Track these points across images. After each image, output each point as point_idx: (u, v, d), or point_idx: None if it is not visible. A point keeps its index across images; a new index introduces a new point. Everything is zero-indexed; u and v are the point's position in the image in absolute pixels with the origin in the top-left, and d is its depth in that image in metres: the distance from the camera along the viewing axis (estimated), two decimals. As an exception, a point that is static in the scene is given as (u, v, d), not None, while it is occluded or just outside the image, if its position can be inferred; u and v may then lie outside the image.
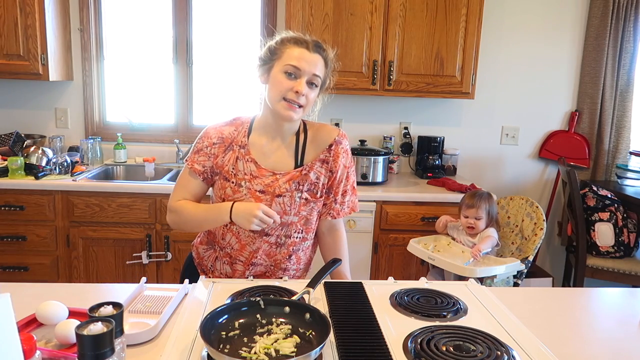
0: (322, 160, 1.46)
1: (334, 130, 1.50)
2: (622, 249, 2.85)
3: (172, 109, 3.17)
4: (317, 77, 1.36)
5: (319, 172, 1.46)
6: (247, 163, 1.42)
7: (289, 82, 1.33)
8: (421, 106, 3.20)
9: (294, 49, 1.35)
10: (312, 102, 1.40)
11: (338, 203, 1.50)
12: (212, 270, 1.53)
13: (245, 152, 1.43)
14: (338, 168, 1.47)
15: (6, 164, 2.57)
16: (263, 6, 3.07)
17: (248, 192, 1.41)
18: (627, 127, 3.20)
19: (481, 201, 2.23)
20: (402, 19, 2.72)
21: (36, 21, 2.63)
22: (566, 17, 3.16)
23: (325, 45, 1.41)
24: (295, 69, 1.33)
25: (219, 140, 1.43)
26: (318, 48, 1.37)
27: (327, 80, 1.44)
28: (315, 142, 1.47)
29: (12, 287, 1.30)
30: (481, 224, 2.23)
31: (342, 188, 1.50)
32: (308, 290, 1.20)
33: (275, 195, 1.41)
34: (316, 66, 1.35)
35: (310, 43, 1.36)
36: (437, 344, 1.01)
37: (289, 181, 1.42)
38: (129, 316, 1.14)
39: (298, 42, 1.36)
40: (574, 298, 1.41)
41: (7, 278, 2.56)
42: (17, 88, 3.04)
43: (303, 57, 1.33)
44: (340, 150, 1.47)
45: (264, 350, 0.96)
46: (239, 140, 1.44)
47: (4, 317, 0.73)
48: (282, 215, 1.43)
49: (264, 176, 1.42)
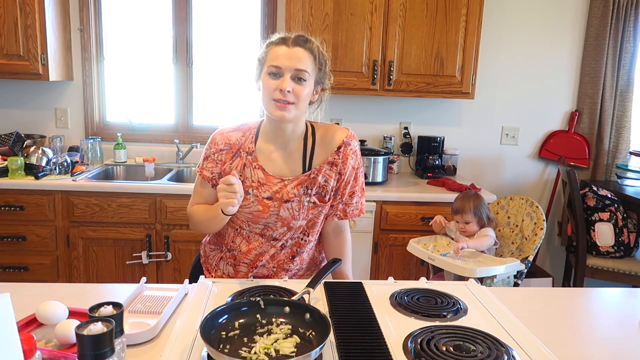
0: (331, 163, 1.42)
1: (342, 131, 1.45)
2: (622, 249, 2.85)
3: (172, 109, 3.17)
4: (303, 71, 1.31)
5: (328, 175, 1.43)
6: (255, 170, 1.40)
7: (273, 82, 1.31)
8: (421, 106, 3.20)
9: (274, 49, 1.33)
10: (305, 98, 1.34)
11: (346, 204, 1.48)
12: (215, 270, 1.53)
13: (252, 159, 1.41)
14: (347, 170, 1.44)
15: (6, 164, 2.57)
16: (263, 6, 3.07)
17: (255, 199, 1.40)
18: (627, 127, 3.20)
19: (466, 205, 2.21)
20: (402, 19, 2.72)
21: (36, 21, 2.63)
22: (566, 17, 3.16)
23: (310, 37, 1.37)
24: (276, 68, 1.31)
25: (226, 147, 1.42)
26: (299, 42, 1.33)
27: (323, 74, 1.39)
28: (323, 145, 1.43)
29: (12, 287, 1.29)
30: (471, 227, 2.22)
31: (350, 189, 1.47)
32: (308, 290, 1.19)
33: (284, 201, 1.40)
34: (299, 60, 1.31)
35: (290, 39, 1.33)
36: (437, 344, 1.01)
37: (297, 186, 1.41)
38: (129, 316, 1.14)
39: (279, 42, 1.34)
40: (574, 298, 1.41)
41: (7, 278, 2.56)
42: (17, 88, 3.04)
43: (282, 54, 1.31)
44: (350, 151, 1.44)
45: (264, 350, 0.96)
46: (247, 147, 1.42)
47: (4, 317, 0.73)
48: (291, 221, 1.42)
49: (271, 183, 1.40)
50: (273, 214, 1.40)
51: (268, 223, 1.42)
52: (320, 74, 1.38)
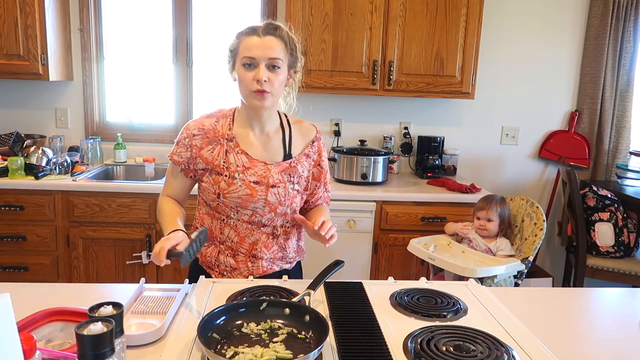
0: (307, 155, 1.52)
1: (312, 127, 1.57)
2: (622, 249, 2.85)
3: (172, 109, 3.17)
4: (277, 59, 1.35)
5: (304, 165, 1.51)
6: (238, 155, 1.44)
7: (248, 73, 1.35)
8: (421, 106, 3.20)
9: (246, 39, 1.36)
10: (281, 84, 1.40)
11: (327, 191, 1.61)
12: (216, 265, 1.52)
13: (234, 144, 1.44)
14: (324, 161, 1.56)
15: (6, 164, 2.57)
16: (263, 6, 3.07)
17: (242, 183, 1.42)
18: (627, 127, 3.20)
19: (493, 204, 2.26)
20: (402, 19, 2.72)
21: (36, 21, 2.63)
22: (566, 17, 3.16)
23: (279, 24, 1.40)
24: (250, 59, 1.34)
25: (199, 132, 1.45)
26: (270, 30, 1.36)
27: (295, 58, 1.43)
28: (300, 136, 1.53)
29: (12, 287, 1.30)
30: (492, 226, 2.24)
31: (327, 177, 1.59)
32: (309, 292, 1.19)
33: (270, 186, 1.43)
34: (272, 49, 1.35)
35: (260, 28, 1.36)
36: (437, 344, 1.01)
37: (281, 172, 1.45)
38: (133, 317, 1.14)
39: (250, 32, 1.37)
40: (574, 298, 1.41)
41: (7, 278, 2.56)
42: (17, 88, 3.04)
43: (255, 45, 1.34)
44: (322, 145, 1.57)
45: (263, 351, 0.96)
46: (225, 134, 1.45)
47: (4, 317, 0.73)
48: (277, 206, 1.45)
49: (256, 167, 1.44)
50: (261, 198, 1.43)
51: (256, 208, 1.44)
52: (292, 58, 1.42)
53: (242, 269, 1.49)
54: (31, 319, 1.06)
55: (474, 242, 2.26)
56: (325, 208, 1.59)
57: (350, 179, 2.81)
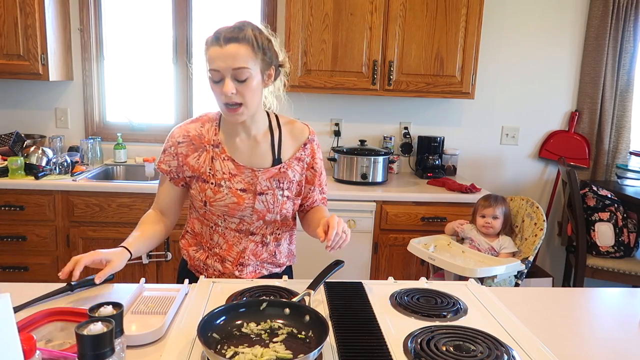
0: (298, 159, 1.46)
1: (305, 128, 1.49)
2: (622, 249, 2.85)
3: (172, 109, 3.17)
4: (241, 69, 1.25)
5: (295, 169, 1.45)
6: (224, 162, 1.39)
7: (217, 87, 1.28)
8: (421, 106, 3.20)
9: (210, 50, 1.27)
10: (254, 93, 1.29)
11: (323, 192, 1.56)
12: (205, 269, 1.51)
13: (220, 150, 1.40)
14: (318, 163, 1.50)
15: (6, 164, 2.57)
16: (263, 6, 3.07)
17: (229, 191, 1.38)
18: (627, 127, 3.20)
19: (497, 201, 2.27)
20: (402, 19, 2.72)
21: (36, 21, 2.63)
22: (566, 17, 3.16)
23: (245, 23, 1.28)
24: (214, 72, 1.27)
25: (184, 139, 1.41)
26: (232, 36, 1.25)
27: (269, 57, 1.32)
28: (291, 138, 1.46)
29: (12, 287, 1.30)
30: (498, 223, 2.25)
31: (322, 179, 1.54)
32: (309, 292, 1.19)
33: (257, 193, 1.40)
34: (235, 58, 1.24)
35: (221, 35, 1.25)
36: (437, 344, 1.01)
37: (269, 179, 1.41)
38: (133, 317, 1.14)
39: (213, 41, 1.27)
40: (574, 298, 1.41)
41: (7, 278, 2.56)
42: (17, 88, 3.04)
43: (217, 57, 1.25)
44: (315, 146, 1.49)
45: (263, 351, 0.96)
46: (210, 139, 1.40)
47: (4, 317, 0.73)
48: (266, 214, 1.42)
49: (243, 174, 1.39)
50: (248, 206, 1.40)
51: (244, 216, 1.41)
52: (266, 58, 1.31)
53: (229, 275, 1.47)
54: (31, 319, 1.06)
55: (475, 241, 2.26)
56: (324, 209, 1.55)
57: (350, 179, 2.81)
